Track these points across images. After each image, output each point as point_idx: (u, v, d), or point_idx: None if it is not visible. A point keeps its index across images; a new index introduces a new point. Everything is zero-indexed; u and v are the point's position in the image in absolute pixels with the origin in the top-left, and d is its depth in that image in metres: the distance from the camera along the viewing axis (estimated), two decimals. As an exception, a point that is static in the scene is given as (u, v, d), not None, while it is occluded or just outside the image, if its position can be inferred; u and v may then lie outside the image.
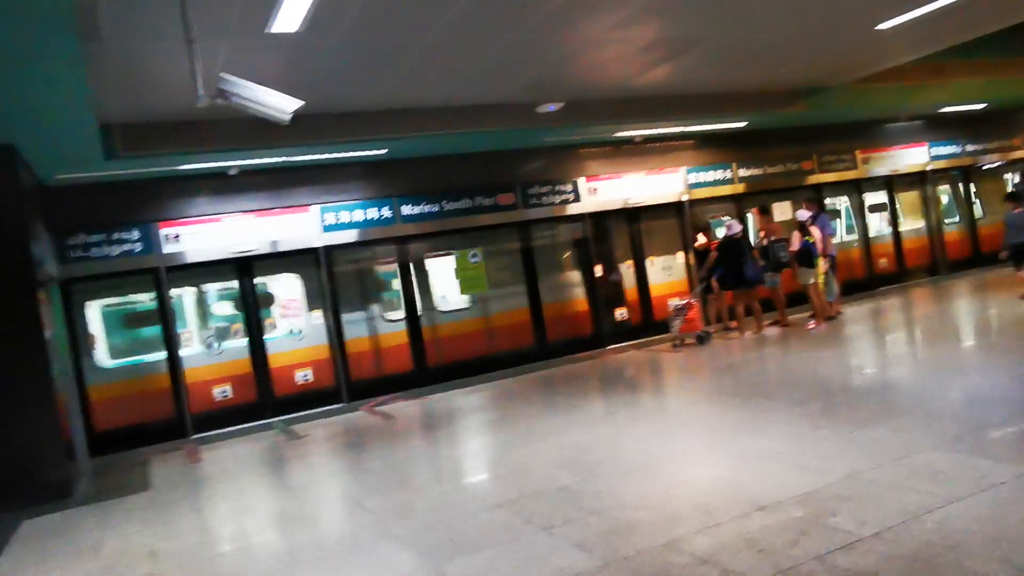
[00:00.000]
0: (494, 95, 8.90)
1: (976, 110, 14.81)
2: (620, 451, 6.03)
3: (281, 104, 4.65)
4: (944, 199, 15.63)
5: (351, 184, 10.39)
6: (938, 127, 15.20)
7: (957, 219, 15.75)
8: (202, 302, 10.09)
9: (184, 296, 9.93)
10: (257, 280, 10.01)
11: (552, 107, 9.39)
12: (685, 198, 12.59)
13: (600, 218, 11.99)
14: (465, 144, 10.45)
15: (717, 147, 12.92)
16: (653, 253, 12.60)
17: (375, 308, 10.87)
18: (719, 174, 12.98)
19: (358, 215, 10.37)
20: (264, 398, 9.86)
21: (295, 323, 10.23)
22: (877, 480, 4.35)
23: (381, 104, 8.56)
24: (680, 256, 12.76)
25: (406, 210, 10.63)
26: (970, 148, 15.67)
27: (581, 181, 11.81)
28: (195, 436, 9.23)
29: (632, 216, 12.35)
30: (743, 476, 4.88)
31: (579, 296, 11.93)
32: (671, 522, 4.21)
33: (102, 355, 9.36)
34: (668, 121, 10.91)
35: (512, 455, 6.48)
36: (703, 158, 12.84)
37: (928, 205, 15.16)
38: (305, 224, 10.07)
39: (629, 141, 12.07)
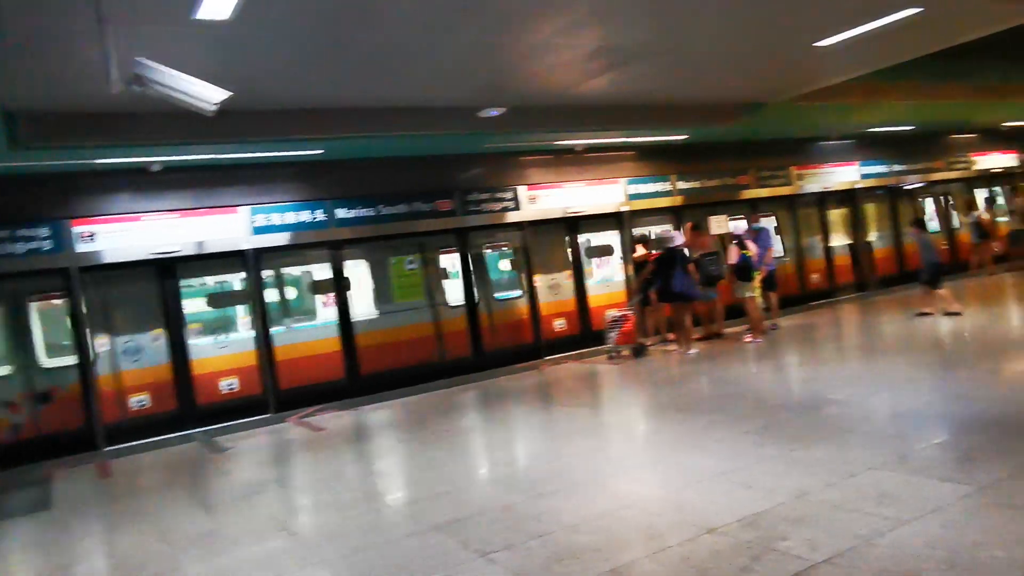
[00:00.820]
0: (436, 98, 8.63)
1: (905, 131, 15.27)
2: (562, 468, 5.82)
3: (206, 94, 4.29)
4: (872, 216, 16.05)
5: (284, 185, 9.96)
6: (869, 147, 15.64)
7: (883, 237, 16.19)
8: (118, 304, 9.45)
9: (98, 298, 9.29)
10: (181, 282, 9.48)
11: (494, 111, 9.19)
12: (624, 209, 12.56)
13: (539, 227, 11.85)
14: (404, 147, 10.15)
15: (657, 159, 12.94)
16: (591, 263, 12.53)
17: (306, 314, 10.42)
18: (658, 186, 13.00)
19: (290, 217, 9.94)
20: (185, 408, 9.31)
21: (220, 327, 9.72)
22: (825, 501, 4.25)
23: (318, 102, 8.17)
24: (619, 267, 12.72)
25: (341, 213, 10.25)
26: (897, 168, 16.17)
27: (521, 189, 11.64)
28: (108, 448, 8.63)
29: (571, 225, 12.25)
30: (689, 495, 4.72)
31: (517, 306, 11.73)
32: (617, 546, 4.01)
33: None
34: (610, 131, 10.84)
35: (448, 471, 6.18)
36: (643, 170, 12.84)
37: (857, 222, 15.54)
38: (234, 225, 9.58)
39: (570, 151, 11.97)
